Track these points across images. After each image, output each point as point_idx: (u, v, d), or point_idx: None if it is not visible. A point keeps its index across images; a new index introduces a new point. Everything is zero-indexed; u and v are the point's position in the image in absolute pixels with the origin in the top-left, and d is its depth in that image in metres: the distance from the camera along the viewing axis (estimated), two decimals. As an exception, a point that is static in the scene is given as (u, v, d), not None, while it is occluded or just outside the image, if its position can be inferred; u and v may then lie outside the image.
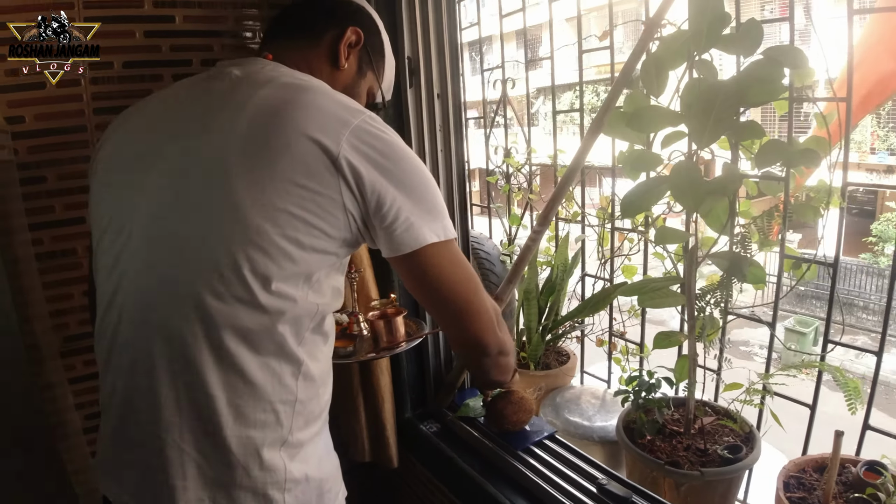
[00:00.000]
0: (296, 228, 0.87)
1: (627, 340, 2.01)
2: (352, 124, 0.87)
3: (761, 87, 1.49)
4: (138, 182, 0.94)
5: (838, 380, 1.48)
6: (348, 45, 1.10)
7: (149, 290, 0.92)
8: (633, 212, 1.74)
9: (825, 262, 1.58)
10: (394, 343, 1.47)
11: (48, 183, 1.51)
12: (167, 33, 1.58)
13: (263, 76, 0.96)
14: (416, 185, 0.92)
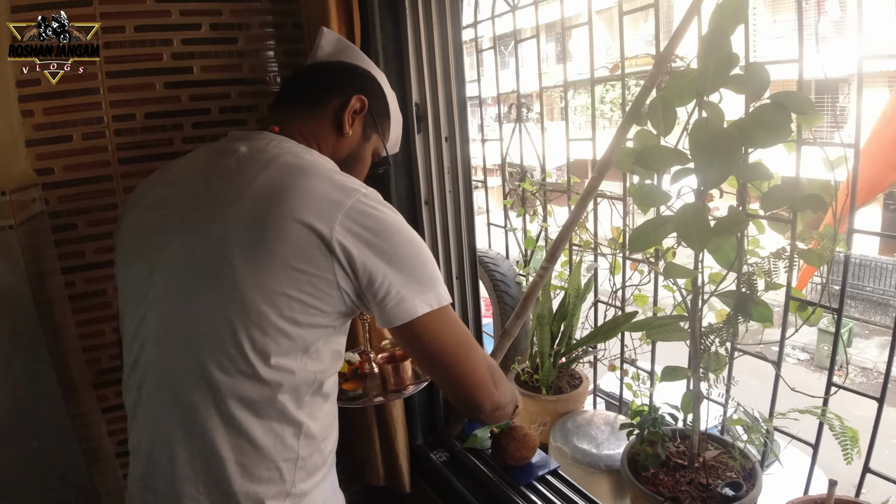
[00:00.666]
0: (293, 309, 0.93)
1: (639, 368, 2.04)
2: (345, 206, 0.92)
3: (767, 131, 1.48)
4: (156, 259, 1.02)
5: (835, 430, 1.48)
6: (353, 113, 1.15)
7: (164, 363, 1.01)
8: (640, 247, 1.75)
9: (830, 307, 1.58)
10: (401, 386, 1.53)
11: (78, 230, 1.62)
12: (186, 83, 1.66)
13: (267, 155, 1.02)
14: (408, 259, 0.96)
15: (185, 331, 0.99)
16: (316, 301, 0.94)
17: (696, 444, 1.70)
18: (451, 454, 1.81)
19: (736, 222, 1.58)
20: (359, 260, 0.92)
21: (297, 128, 1.12)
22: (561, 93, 2.51)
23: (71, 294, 1.64)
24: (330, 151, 1.13)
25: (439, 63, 1.66)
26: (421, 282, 0.97)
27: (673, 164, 1.62)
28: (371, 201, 0.95)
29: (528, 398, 2.05)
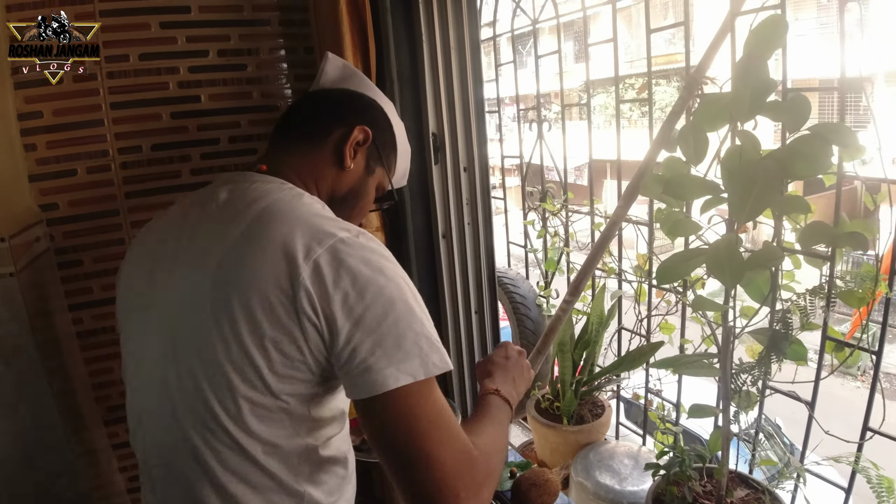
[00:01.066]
0: (264, 379, 0.85)
1: (664, 399, 1.96)
2: (314, 254, 0.83)
3: (807, 164, 1.40)
4: (139, 328, 0.99)
5: (871, 481, 1.41)
6: (355, 145, 1.06)
7: (157, 434, 0.97)
8: (669, 280, 1.68)
9: (869, 350, 1.49)
10: None
11: (85, 266, 1.58)
12: (194, 113, 1.60)
13: (245, 202, 0.94)
14: (384, 319, 0.83)
15: (166, 402, 0.92)
16: (288, 370, 0.86)
17: (724, 486, 1.63)
18: (469, 494, 1.75)
19: (771, 258, 1.50)
20: (327, 320, 0.82)
21: (290, 164, 1.04)
22: (580, 92, 2.42)
23: (79, 331, 1.59)
24: (329, 187, 1.06)
25: (457, 90, 1.58)
26: (401, 348, 0.82)
27: (704, 194, 1.54)
28: (350, 247, 0.84)
29: (549, 428, 1.99)
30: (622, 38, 8.75)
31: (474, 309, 1.74)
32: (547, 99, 9.72)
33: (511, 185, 2.82)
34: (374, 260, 0.85)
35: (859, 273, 1.48)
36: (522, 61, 2.77)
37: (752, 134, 1.47)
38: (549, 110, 2.58)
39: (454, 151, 1.62)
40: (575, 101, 10.53)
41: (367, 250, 0.86)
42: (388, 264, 0.87)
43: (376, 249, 0.88)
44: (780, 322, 1.55)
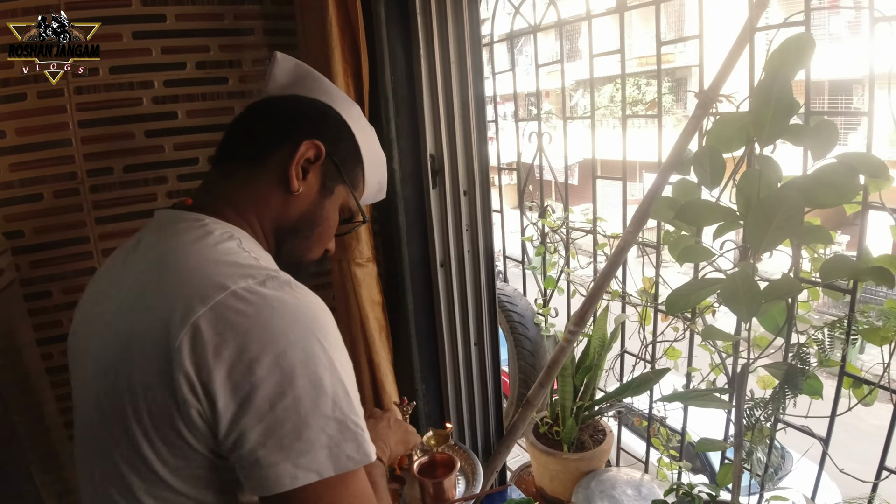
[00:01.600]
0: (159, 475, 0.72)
1: (668, 427, 1.89)
2: (192, 316, 0.67)
3: (832, 193, 1.31)
4: (75, 378, 0.89)
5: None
6: (304, 163, 0.89)
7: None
8: (679, 309, 1.59)
9: (889, 389, 1.42)
10: (444, 502, 1.36)
11: (54, 297, 1.47)
12: (170, 131, 1.48)
13: (147, 253, 0.81)
14: (278, 399, 0.66)
15: (93, 493, 0.82)
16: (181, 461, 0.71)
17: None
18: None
19: (790, 290, 1.42)
20: (204, 392, 0.67)
21: (222, 193, 0.88)
22: (570, 91, 2.32)
23: (49, 367, 1.48)
24: (274, 216, 0.89)
25: (457, 109, 1.47)
26: (299, 435, 0.67)
27: (718, 220, 1.46)
28: (243, 302, 0.68)
29: (549, 455, 1.90)
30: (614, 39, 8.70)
31: (474, 341, 1.64)
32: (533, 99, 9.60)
33: (504, 182, 2.71)
34: (277, 317, 0.69)
35: (884, 310, 1.40)
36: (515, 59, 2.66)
37: (773, 159, 1.39)
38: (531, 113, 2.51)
39: (454, 174, 1.51)
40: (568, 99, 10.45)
41: (271, 303, 0.69)
42: (301, 320, 0.70)
43: (286, 301, 0.70)
44: (795, 356, 1.48)
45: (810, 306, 1.58)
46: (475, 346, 1.64)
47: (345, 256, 1.50)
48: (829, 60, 5.45)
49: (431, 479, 1.36)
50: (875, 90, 1.42)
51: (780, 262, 1.56)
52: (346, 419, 0.70)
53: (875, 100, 1.40)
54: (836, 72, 7.63)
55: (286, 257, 0.91)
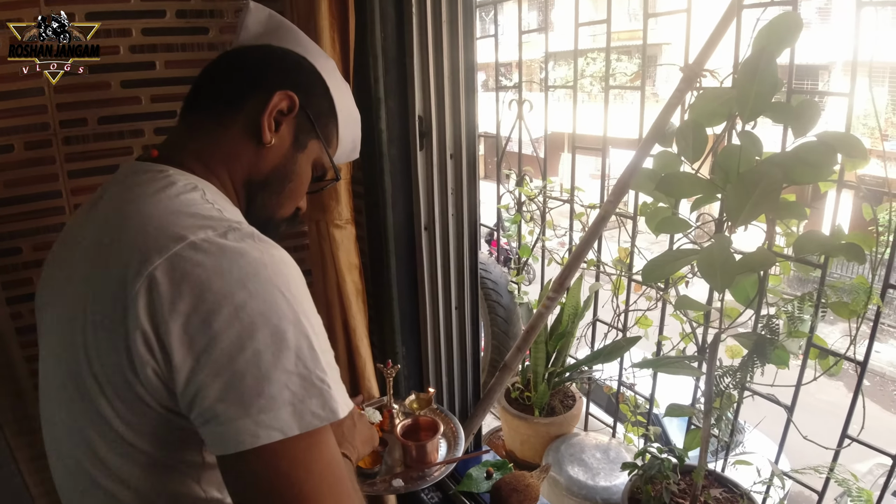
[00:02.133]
0: (118, 432, 0.70)
1: (637, 393, 1.94)
2: (152, 263, 0.64)
3: (810, 170, 1.35)
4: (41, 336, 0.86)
5: (851, 493, 1.42)
6: (277, 114, 0.85)
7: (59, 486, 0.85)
8: (654, 278, 1.63)
9: (854, 360, 1.49)
10: (425, 466, 1.38)
11: (24, 254, 1.40)
12: (147, 82, 1.42)
13: (110, 204, 0.78)
14: (238, 352, 0.63)
15: (59, 453, 0.82)
16: (139, 419, 0.68)
17: (700, 486, 1.63)
18: (443, 495, 1.70)
19: (764, 262, 1.47)
20: (159, 347, 0.64)
21: (191, 146, 0.85)
22: (541, 63, 2.33)
23: (18, 327, 1.42)
24: (245, 169, 0.86)
25: (447, 70, 1.44)
26: (260, 391, 0.63)
27: (698, 193, 1.49)
28: (202, 252, 0.65)
29: (520, 420, 1.95)
30: (587, 12, 8.64)
31: (454, 305, 1.64)
32: (508, 69, 9.51)
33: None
34: (236, 269, 0.65)
35: (853, 285, 1.46)
36: (485, 28, 2.62)
37: (754, 135, 1.41)
38: (509, 80, 2.48)
39: (441, 137, 1.49)
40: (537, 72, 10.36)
41: (231, 255, 0.66)
42: (262, 272, 0.66)
43: (248, 252, 0.67)
44: (765, 327, 1.53)
45: (781, 280, 1.63)
46: (456, 311, 1.65)
47: (323, 217, 1.48)
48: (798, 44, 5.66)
49: (415, 442, 1.37)
50: (845, 73, 1.46)
51: (751, 238, 1.61)
52: (310, 374, 0.66)
53: (840, 82, 1.44)
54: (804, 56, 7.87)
55: (257, 213, 0.89)
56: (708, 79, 1.54)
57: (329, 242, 1.49)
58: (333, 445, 0.69)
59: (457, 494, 1.64)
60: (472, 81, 1.48)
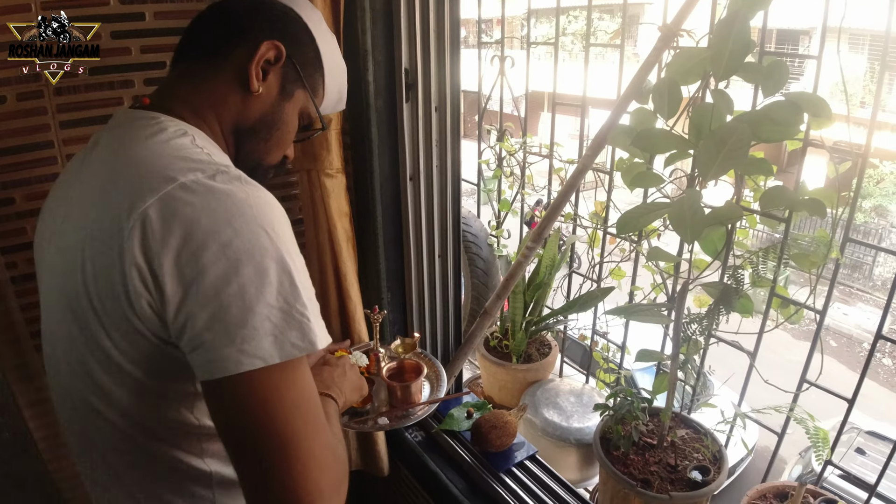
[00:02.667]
0: (118, 363, 0.76)
1: (609, 341, 2.04)
2: (146, 202, 0.69)
3: (777, 128, 1.43)
4: (40, 272, 0.92)
5: (809, 431, 1.53)
6: (265, 63, 0.89)
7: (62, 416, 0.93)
8: (628, 230, 1.70)
9: (814, 309, 1.59)
10: (409, 406, 1.46)
11: (17, 204, 1.43)
12: (137, 33, 1.43)
13: (105, 149, 0.83)
14: (224, 284, 0.68)
15: (61, 383, 0.88)
16: (135, 349, 0.75)
17: (667, 427, 1.74)
18: (426, 434, 1.79)
19: (731, 216, 1.55)
20: (152, 281, 0.69)
21: (182, 94, 0.88)
22: (522, 20, 2.35)
23: (13, 276, 1.46)
24: (233, 117, 0.90)
25: (433, 25, 1.48)
26: (243, 322, 0.68)
27: (672, 148, 1.56)
28: (191, 193, 0.70)
29: (498, 366, 2.04)
30: None
31: (438, 253, 1.71)
32: (489, 25, 9.41)
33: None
34: (223, 208, 0.70)
35: (814, 238, 1.55)
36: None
37: (726, 93, 1.48)
38: (490, 37, 2.46)
39: (426, 89, 1.53)
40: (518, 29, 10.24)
41: (218, 195, 0.71)
42: (247, 212, 0.71)
43: (234, 193, 0.71)
44: (731, 277, 1.63)
45: (748, 233, 1.72)
46: (439, 259, 1.72)
47: (314, 166, 1.52)
48: (780, 9, 5.70)
49: (400, 383, 1.45)
50: (828, 38, 1.52)
51: (722, 195, 1.68)
52: (290, 308, 0.71)
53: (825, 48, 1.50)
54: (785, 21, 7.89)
55: (244, 159, 0.94)
56: (685, 38, 1.60)
57: (320, 190, 1.54)
58: (310, 377, 0.75)
59: (439, 433, 1.73)
60: (457, 36, 1.52)
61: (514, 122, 2.23)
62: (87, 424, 0.84)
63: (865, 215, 11.70)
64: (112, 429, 0.82)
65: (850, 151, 1.48)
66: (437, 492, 1.67)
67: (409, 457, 1.78)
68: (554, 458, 1.86)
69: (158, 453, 0.84)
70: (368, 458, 1.78)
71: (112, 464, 0.86)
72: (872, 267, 11.27)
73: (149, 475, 0.86)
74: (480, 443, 1.63)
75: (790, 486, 1.62)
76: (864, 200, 11.76)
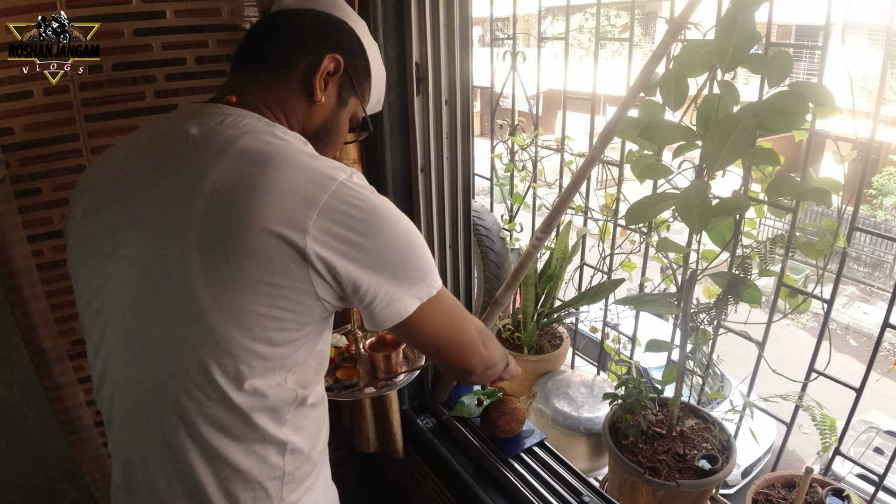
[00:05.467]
0: (265, 328, 0.85)
1: (620, 332, 2.07)
2: (320, 203, 0.81)
3: (783, 119, 1.45)
4: (109, 270, 0.91)
5: (815, 418, 1.55)
6: (326, 75, 0.98)
7: (129, 388, 0.93)
8: (637, 221, 1.72)
9: (821, 298, 1.60)
10: (392, 374, 1.51)
11: (44, 195, 1.49)
12: (158, 30, 1.48)
13: (222, 137, 0.87)
14: (396, 256, 0.88)
15: (147, 357, 0.89)
16: (292, 315, 0.86)
17: (676, 416, 1.76)
18: (437, 421, 1.83)
19: (738, 206, 1.57)
20: (340, 267, 0.83)
21: (259, 96, 0.96)
22: (536, 18, 2.38)
23: (39, 263, 1.51)
24: (300, 122, 0.99)
25: (443, 18, 1.52)
26: (412, 277, 0.90)
27: (680, 139, 1.58)
28: (352, 189, 0.84)
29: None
30: None
31: (448, 244, 1.75)
32: (505, 23, 9.43)
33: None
34: (372, 200, 0.86)
35: (821, 227, 1.56)
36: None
37: (732, 84, 1.50)
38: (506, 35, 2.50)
39: (437, 83, 1.57)
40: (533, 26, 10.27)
41: (365, 191, 0.86)
42: (381, 201, 0.88)
43: (368, 187, 0.88)
44: (739, 267, 1.64)
45: (755, 223, 1.73)
46: (450, 249, 1.76)
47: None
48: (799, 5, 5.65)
49: (382, 353, 1.52)
50: (846, 34, 1.53)
51: (731, 187, 1.70)
52: (429, 261, 0.93)
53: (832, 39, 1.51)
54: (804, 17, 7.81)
55: None
56: (692, 31, 1.62)
57: (339, 180, 1.59)
58: (449, 294, 1.02)
59: (450, 419, 1.77)
60: (466, 30, 1.56)
61: (528, 119, 2.26)
62: (181, 395, 0.87)
63: (886, 213, 11.53)
64: (216, 399, 0.87)
65: (866, 143, 1.48)
66: (448, 476, 1.71)
67: (420, 442, 1.82)
68: (564, 448, 1.89)
69: (249, 420, 0.90)
70: (385, 440, 1.82)
71: (194, 430, 0.89)
72: (894, 265, 11.11)
73: (230, 442, 0.91)
74: (490, 428, 1.66)
75: (798, 476, 1.63)
76: (884, 198, 11.61)
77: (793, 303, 1.66)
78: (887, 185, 11.64)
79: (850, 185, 1.51)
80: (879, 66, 1.55)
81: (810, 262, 1.62)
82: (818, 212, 10.16)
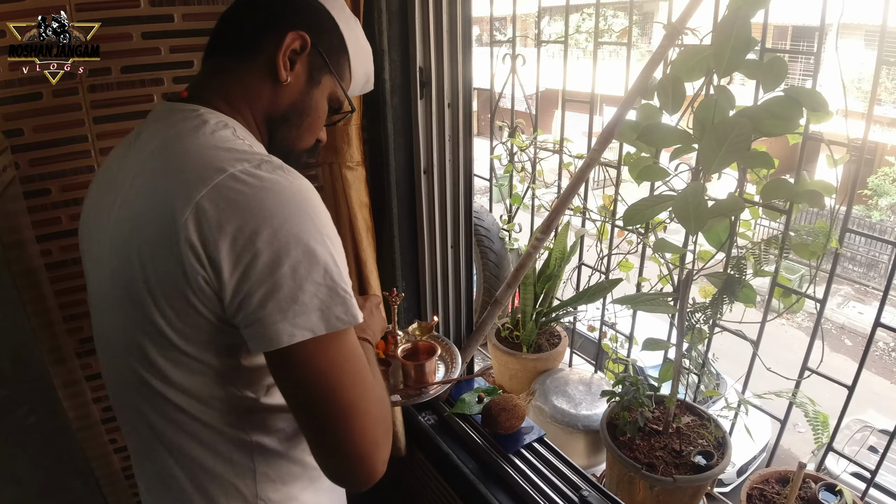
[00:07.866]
0: (168, 338, 0.82)
1: (617, 331, 2.10)
2: (201, 191, 0.75)
3: (777, 123, 1.48)
4: (88, 270, 0.99)
5: (808, 415, 1.58)
6: (291, 54, 0.93)
7: (111, 386, 1.00)
8: (634, 222, 1.76)
9: (814, 298, 1.64)
10: (422, 385, 1.47)
11: (53, 195, 1.51)
12: (166, 33, 1.51)
13: (152, 141, 0.88)
14: (277, 263, 0.75)
15: (110, 357, 0.95)
16: (188, 325, 0.81)
17: (672, 413, 1.79)
18: (439, 418, 1.86)
19: (733, 207, 1.60)
20: (210, 264, 0.75)
21: (214, 87, 0.93)
22: (535, 18, 2.41)
23: (47, 263, 1.54)
24: (265, 106, 0.95)
25: (446, 25, 1.55)
26: (294, 298, 0.76)
27: (677, 142, 1.61)
28: (241, 183, 0.76)
29: (509, 356, 2.10)
30: None
31: (450, 244, 1.78)
32: (503, 23, 9.46)
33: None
34: (272, 197, 0.76)
35: (814, 228, 1.60)
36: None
37: (727, 89, 1.53)
38: (503, 34, 2.49)
39: (439, 87, 1.60)
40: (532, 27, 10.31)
41: (266, 184, 0.77)
42: (293, 199, 0.78)
43: (280, 182, 0.78)
44: (734, 267, 1.68)
45: (751, 224, 1.77)
46: (451, 249, 1.79)
47: (336, 160, 1.59)
48: (796, 6, 5.66)
49: (414, 363, 1.51)
50: (843, 35, 1.56)
51: (726, 188, 1.73)
52: (335, 286, 0.78)
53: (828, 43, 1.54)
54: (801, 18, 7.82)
55: (278, 146, 0.98)
56: (689, 37, 1.65)
57: (342, 182, 1.61)
58: (355, 343, 0.84)
59: (451, 416, 1.80)
60: (469, 36, 1.59)
61: (526, 119, 2.29)
62: (136, 396, 0.90)
63: (882, 213, 11.61)
64: (156, 396, 0.88)
65: (859, 145, 1.52)
66: (450, 472, 1.74)
67: (422, 439, 1.85)
68: (562, 445, 1.92)
69: (204, 422, 0.90)
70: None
71: (157, 430, 0.91)
72: (889, 266, 11.17)
73: (192, 442, 0.91)
74: (490, 425, 1.69)
75: (792, 472, 1.67)
76: (879, 199, 11.66)
77: (787, 302, 1.70)
78: (882, 185, 11.71)
79: (843, 187, 1.56)
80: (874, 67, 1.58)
81: (805, 263, 1.65)
82: (814, 213, 10.20)
